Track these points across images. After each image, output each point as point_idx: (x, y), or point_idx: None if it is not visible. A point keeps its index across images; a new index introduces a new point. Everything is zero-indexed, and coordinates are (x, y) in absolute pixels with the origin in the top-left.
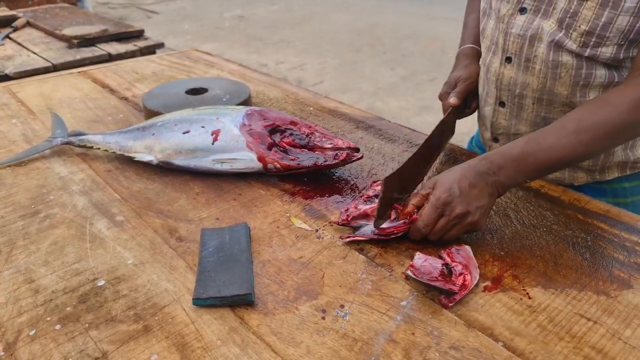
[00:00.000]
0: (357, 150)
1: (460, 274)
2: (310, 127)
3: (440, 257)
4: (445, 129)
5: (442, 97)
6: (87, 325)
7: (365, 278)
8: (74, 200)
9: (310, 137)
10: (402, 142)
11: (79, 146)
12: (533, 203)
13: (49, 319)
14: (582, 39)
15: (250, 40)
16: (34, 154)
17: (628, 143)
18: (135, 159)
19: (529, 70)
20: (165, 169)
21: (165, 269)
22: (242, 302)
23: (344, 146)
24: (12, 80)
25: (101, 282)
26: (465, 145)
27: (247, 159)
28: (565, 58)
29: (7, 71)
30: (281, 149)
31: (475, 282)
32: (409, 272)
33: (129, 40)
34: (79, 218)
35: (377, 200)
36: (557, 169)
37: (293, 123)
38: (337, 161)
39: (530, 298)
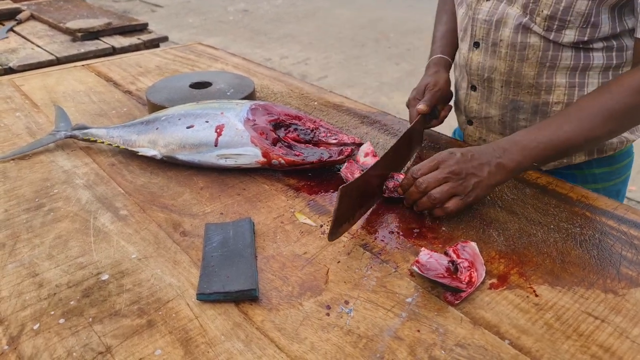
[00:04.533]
0: (362, 145)
1: (467, 270)
2: (315, 122)
3: (446, 254)
4: (413, 137)
5: (410, 103)
6: (90, 319)
7: (370, 274)
8: (77, 194)
9: (315, 132)
10: None
11: (83, 140)
12: (540, 200)
13: (52, 313)
14: (546, 23)
15: (254, 34)
16: (37, 147)
17: None
18: (139, 154)
19: (496, 54)
20: (169, 163)
21: (169, 263)
22: (246, 298)
23: (348, 141)
24: (16, 73)
25: (105, 276)
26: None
27: (251, 154)
28: (533, 40)
29: (11, 64)
30: (286, 144)
31: (482, 279)
32: (414, 268)
33: (133, 33)
34: (82, 212)
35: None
36: (563, 154)
37: (298, 118)
38: (342, 157)
39: (537, 296)
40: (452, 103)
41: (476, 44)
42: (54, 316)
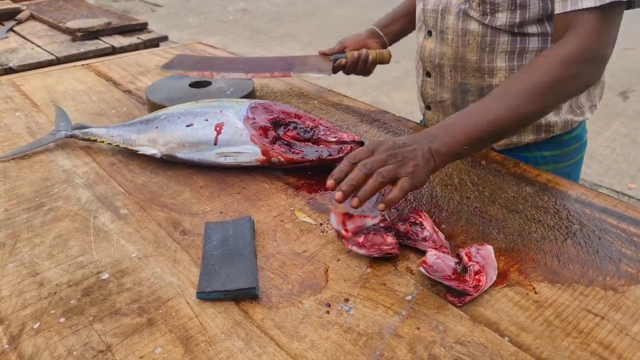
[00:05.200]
0: (361, 143)
1: (476, 274)
2: (314, 120)
3: (458, 255)
4: (310, 60)
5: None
6: (91, 318)
7: (369, 272)
8: (77, 194)
9: (315, 131)
10: (406, 136)
11: (83, 139)
12: (540, 197)
13: (53, 312)
14: (480, 8)
15: (254, 33)
16: (38, 147)
17: None
18: (139, 152)
19: (444, 40)
20: (169, 162)
21: (169, 262)
22: (246, 296)
23: (348, 140)
24: (16, 73)
25: (105, 275)
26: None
27: (251, 153)
28: (472, 26)
29: (11, 64)
30: (285, 142)
31: (491, 283)
32: (421, 269)
33: (133, 33)
34: (83, 211)
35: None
36: (495, 136)
37: (297, 116)
38: (341, 155)
39: (536, 293)
40: (410, 86)
41: (429, 33)
42: (54, 315)
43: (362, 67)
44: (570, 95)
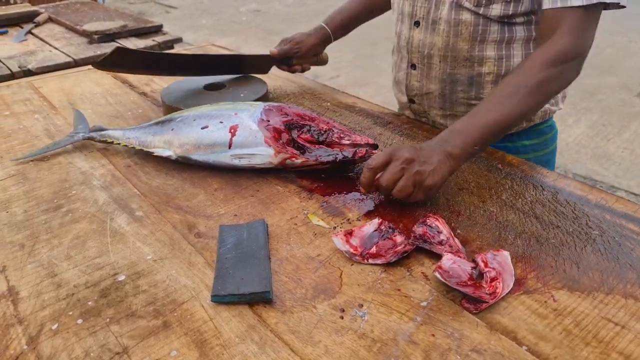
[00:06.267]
0: (375, 147)
1: (492, 280)
2: (328, 123)
3: (474, 261)
4: (253, 62)
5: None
6: (108, 320)
7: (384, 277)
8: (95, 195)
9: (328, 133)
10: (421, 139)
11: (100, 141)
12: (558, 202)
13: (70, 313)
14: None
15: (266, 34)
16: (56, 149)
17: (490, 86)
18: (155, 154)
19: (435, 31)
20: (183, 165)
21: (184, 264)
22: (260, 300)
23: (362, 142)
24: (34, 75)
25: (121, 277)
26: None
27: (265, 155)
28: (465, 16)
29: (29, 66)
30: (299, 144)
31: (508, 289)
32: (436, 275)
33: (148, 35)
34: (100, 213)
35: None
36: (499, 134)
37: (311, 119)
38: (355, 158)
39: (555, 301)
40: (393, 83)
41: (417, 23)
42: (72, 316)
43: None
44: (559, 90)
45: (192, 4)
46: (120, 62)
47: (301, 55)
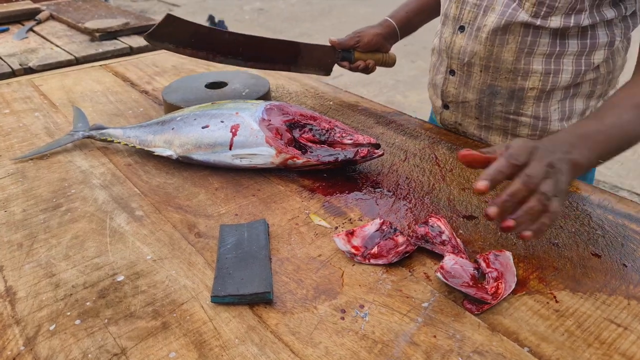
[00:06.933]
0: (378, 146)
1: (494, 281)
2: (330, 122)
3: (476, 262)
4: (313, 54)
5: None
6: (106, 320)
7: (385, 278)
8: (94, 194)
9: (330, 133)
10: (424, 138)
11: (100, 140)
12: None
13: (68, 313)
14: (534, 9)
15: (270, 33)
16: (56, 147)
17: (565, 112)
18: (155, 154)
19: (477, 38)
20: (184, 164)
21: (184, 265)
22: (260, 301)
23: (364, 142)
24: (35, 73)
25: (120, 278)
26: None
27: (266, 154)
28: (516, 26)
29: (30, 64)
30: (301, 144)
31: (510, 290)
32: (438, 275)
33: None
34: (99, 212)
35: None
36: (625, 145)
37: (313, 118)
38: (357, 157)
39: (557, 302)
40: (426, 85)
41: (461, 28)
42: (70, 317)
43: (363, 71)
44: None
45: (195, 2)
46: (170, 34)
47: (362, 45)
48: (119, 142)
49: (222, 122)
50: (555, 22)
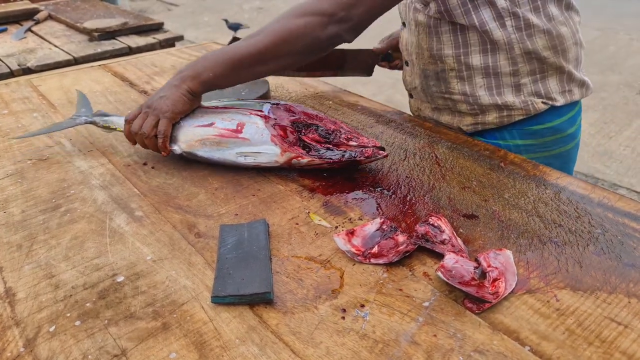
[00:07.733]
0: (382, 149)
1: (495, 280)
2: (335, 123)
3: (477, 261)
4: (357, 58)
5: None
6: (106, 321)
7: (386, 277)
8: (94, 195)
9: (336, 134)
10: (423, 137)
11: (103, 127)
12: (561, 201)
13: (68, 314)
14: (421, 1)
15: None
16: (57, 130)
17: (492, 88)
18: None
19: (410, 31)
20: (184, 163)
21: (184, 265)
22: (260, 301)
23: (369, 145)
24: (34, 73)
25: (120, 278)
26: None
27: (270, 153)
28: (420, 17)
29: (29, 64)
30: (305, 143)
31: (511, 289)
32: (439, 274)
33: (149, 33)
34: (98, 213)
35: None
36: (237, 65)
37: (318, 118)
38: (362, 157)
39: (558, 300)
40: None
41: (404, 24)
42: (70, 318)
43: (401, 68)
44: (301, 42)
45: (194, 2)
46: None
47: (398, 46)
48: (122, 130)
49: (227, 119)
50: (433, 8)
